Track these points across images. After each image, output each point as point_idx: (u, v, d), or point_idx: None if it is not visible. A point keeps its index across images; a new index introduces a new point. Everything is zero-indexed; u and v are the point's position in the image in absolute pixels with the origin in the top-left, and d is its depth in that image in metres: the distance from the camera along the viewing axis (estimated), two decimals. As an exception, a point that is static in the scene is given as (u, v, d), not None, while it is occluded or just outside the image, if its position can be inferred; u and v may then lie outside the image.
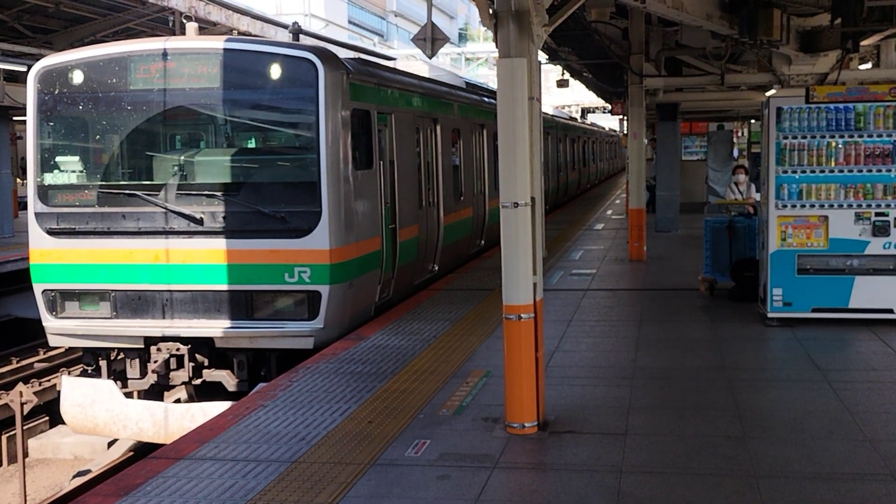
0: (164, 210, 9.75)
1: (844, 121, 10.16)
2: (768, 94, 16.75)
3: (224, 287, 9.68)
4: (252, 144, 10.81)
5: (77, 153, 10.41)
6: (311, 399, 7.80)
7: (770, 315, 10.40)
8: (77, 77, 10.02)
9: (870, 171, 10.15)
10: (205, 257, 9.70)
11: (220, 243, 9.67)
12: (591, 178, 40.34)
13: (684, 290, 13.11)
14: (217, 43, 10.12)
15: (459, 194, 15.32)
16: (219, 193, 9.76)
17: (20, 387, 11.94)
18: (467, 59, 62.59)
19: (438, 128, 14.01)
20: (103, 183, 10.18)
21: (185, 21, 11.16)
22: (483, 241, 17.22)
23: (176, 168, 10.00)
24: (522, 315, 6.78)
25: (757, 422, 6.99)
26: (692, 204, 24.21)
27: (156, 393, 10.07)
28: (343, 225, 9.82)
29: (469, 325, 10.66)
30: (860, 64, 19.55)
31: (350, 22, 79.39)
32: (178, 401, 10.17)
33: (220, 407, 8.60)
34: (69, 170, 10.29)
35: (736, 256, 12.34)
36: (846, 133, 10.17)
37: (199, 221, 9.67)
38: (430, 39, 12.45)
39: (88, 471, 10.45)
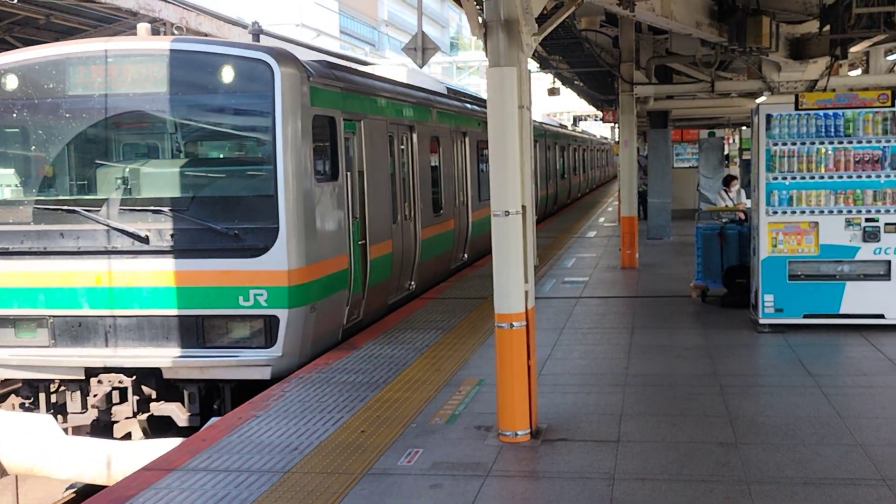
0: (105, 227, 8.95)
1: (834, 127, 10.21)
2: (758, 101, 16.84)
3: (172, 312, 8.88)
4: (202, 155, 9.99)
5: (10, 165, 9.54)
6: (303, 409, 7.80)
7: (761, 321, 10.43)
8: (10, 82, 9.20)
9: (859, 176, 10.20)
10: (151, 279, 8.89)
11: (168, 264, 8.87)
12: (581, 188, 39.98)
13: (676, 297, 13.15)
14: (163, 43, 9.30)
15: (439, 206, 14.58)
16: (166, 209, 8.93)
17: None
18: (458, 68, 62.75)
19: (415, 135, 13.28)
20: (39, 198, 9.28)
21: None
22: (466, 255, 16.58)
23: (119, 181, 9.16)
24: (514, 323, 6.79)
25: (748, 428, 7.01)
26: (684, 211, 24.28)
27: (104, 427, 9.09)
28: (303, 242, 9.03)
29: (461, 334, 10.67)
30: (850, 70, 19.68)
31: (342, 32, 79.48)
32: (128, 435, 9.16)
33: (170, 444, 7.80)
34: (1, 184, 9.46)
35: (727, 263, 12.37)
36: (836, 139, 10.22)
37: (145, 240, 8.88)
38: (421, 48, 12.51)
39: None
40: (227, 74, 8.93)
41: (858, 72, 19.22)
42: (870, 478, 5.96)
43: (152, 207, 8.96)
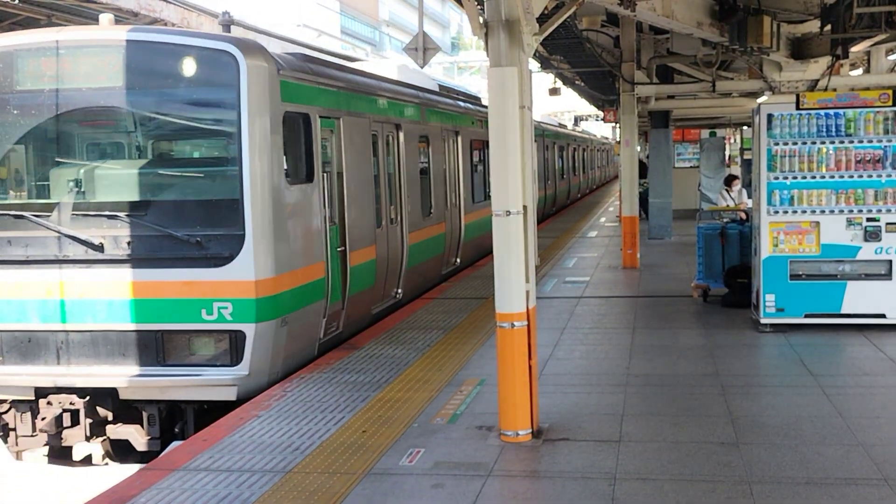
0: (56, 234, 8.24)
1: (835, 127, 10.21)
2: (759, 100, 16.84)
3: (129, 326, 8.17)
4: (162, 155, 9.19)
5: None
6: (304, 409, 7.80)
7: (763, 321, 10.43)
8: None
9: (860, 176, 10.19)
10: (106, 291, 8.18)
11: (125, 274, 8.16)
12: (581, 188, 39.67)
13: (677, 296, 13.14)
14: (118, 33, 8.45)
15: (429, 209, 13.85)
16: (122, 214, 8.22)
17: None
18: (459, 68, 62.77)
19: (402, 134, 12.53)
20: None
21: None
22: (459, 260, 15.80)
23: (71, 184, 8.43)
24: (515, 323, 6.79)
25: (750, 427, 7.01)
26: (685, 211, 24.29)
27: (62, 449, 8.46)
28: (272, 250, 8.32)
29: (463, 334, 10.67)
30: (851, 70, 19.66)
31: (343, 32, 79.52)
32: (88, 458, 8.60)
33: (129, 470, 7.26)
34: None
35: (728, 263, 12.37)
36: (837, 139, 10.22)
37: (99, 248, 8.18)
38: (422, 49, 12.50)
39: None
40: (189, 67, 8.24)
41: (859, 71, 19.21)
42: (871, 477, 5.96)
43: (107, 212, 8.27)
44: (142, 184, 8.59)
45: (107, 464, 8.44)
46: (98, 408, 8.32)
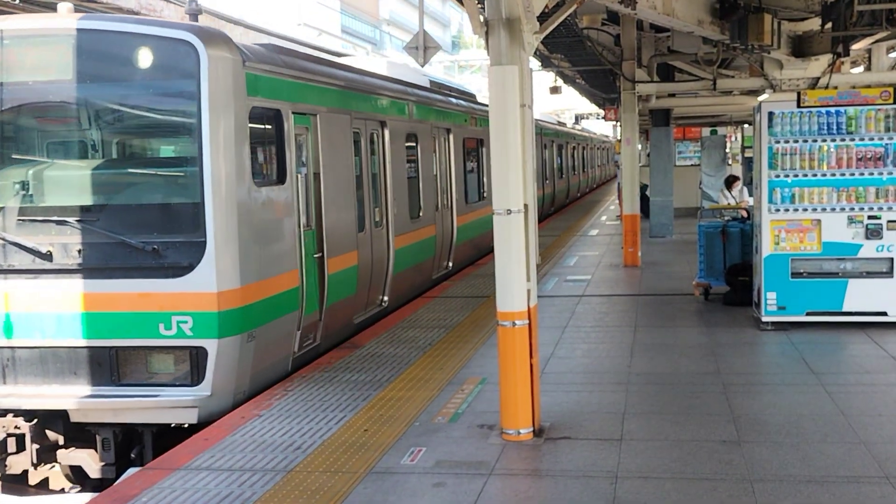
0: (0, 242, 7.70)
1: (836, 124, 10.20)
2: (760, 98, 16.83)
3: (81, 342, 7.55)
4: (115, 155, 8.46)
5: None
6: (306, 408, 7.80)
7: (764, 319, 10.42)
8: None
9: (862, 174, 10.19)
10: (55, 304, 7.56)
11: (75, 285, 7.55)
12: (581, 187, 39.44)
13: (679, 295, 13.14)
14: (68, 22, 7.76)
15: (417, 211, 13.23)
16: (72, 219, 7.60)
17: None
18: (460, 67, 62.79)
19: (387, 132, 11.82)
20: None
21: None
22: (451, 264, 15.25)
23: (16, 186, 7.82)
24: (517, 321, 6.79)
25: (752, 426, 7.01)
26: (686, 209, 24.29)
27: (18, 473, 7.80)
28: (237, 259, 7.68)
29: (464, 333, 10.67)
30: (852, 68, 19.66)
31: (343, 31, 79.49)
32: (45, 481, 7.98)
33: (82, 499, 7.05)
34: None
35: (730, 261, 12.37)
36: (838, 137, 10.21)
37: (47, 256, 7.57)
38: (423, 47, 12.49)
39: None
40: (145, 57, 7.56)
41: (860, 69, 19.21)
42: (873, 475, 5.95)
43: (56, 217, 7.65)
44: (94, 186, 7.91)
45: (63, 490, 7.92)
46: (47, 431, 7.76)
